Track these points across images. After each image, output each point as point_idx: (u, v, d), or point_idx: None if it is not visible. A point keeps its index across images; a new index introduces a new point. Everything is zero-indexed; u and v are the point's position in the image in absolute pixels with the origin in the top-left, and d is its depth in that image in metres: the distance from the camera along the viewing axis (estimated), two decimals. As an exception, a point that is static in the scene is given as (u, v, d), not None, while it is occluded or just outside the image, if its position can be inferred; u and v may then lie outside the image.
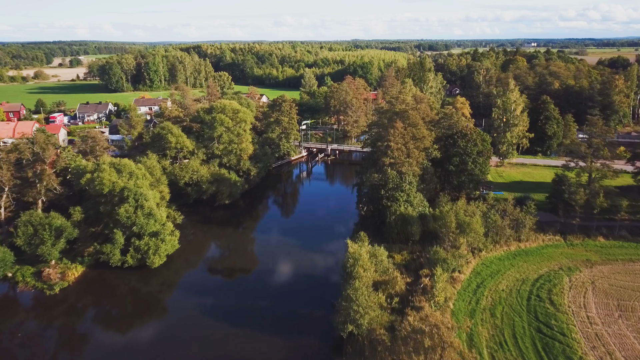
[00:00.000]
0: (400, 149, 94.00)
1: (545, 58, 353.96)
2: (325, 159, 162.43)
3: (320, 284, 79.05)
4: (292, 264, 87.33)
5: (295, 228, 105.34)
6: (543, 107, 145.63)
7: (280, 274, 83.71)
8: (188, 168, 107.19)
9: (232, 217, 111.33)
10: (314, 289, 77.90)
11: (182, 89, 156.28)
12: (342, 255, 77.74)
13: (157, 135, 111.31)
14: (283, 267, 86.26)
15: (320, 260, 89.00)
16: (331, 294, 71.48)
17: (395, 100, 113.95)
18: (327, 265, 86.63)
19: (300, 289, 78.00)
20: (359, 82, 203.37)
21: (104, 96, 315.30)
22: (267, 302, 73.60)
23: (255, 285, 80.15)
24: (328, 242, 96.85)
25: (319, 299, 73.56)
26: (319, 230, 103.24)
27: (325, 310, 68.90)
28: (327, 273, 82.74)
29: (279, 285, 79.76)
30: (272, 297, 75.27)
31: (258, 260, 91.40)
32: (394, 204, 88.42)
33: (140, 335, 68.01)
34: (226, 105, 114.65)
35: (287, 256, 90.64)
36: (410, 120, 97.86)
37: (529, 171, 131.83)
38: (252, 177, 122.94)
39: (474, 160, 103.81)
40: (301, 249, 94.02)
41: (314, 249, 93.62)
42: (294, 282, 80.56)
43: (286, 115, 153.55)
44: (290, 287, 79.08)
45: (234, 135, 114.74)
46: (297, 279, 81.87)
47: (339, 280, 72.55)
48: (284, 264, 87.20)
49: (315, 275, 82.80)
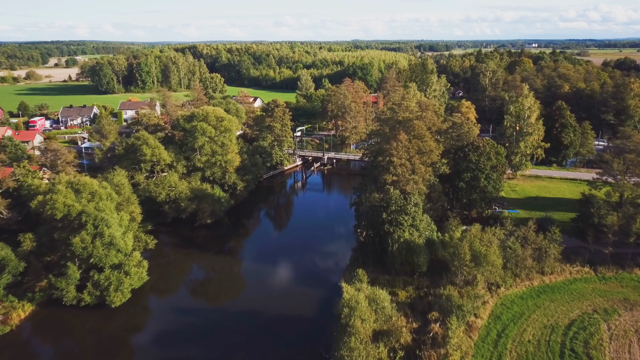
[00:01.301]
0: (404, 165, 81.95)
1: (551, 59, 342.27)
2: (322, 168, 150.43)
3: (311, 328, 66.99)
4: (280, 300, 75.05)
5: (286, 251, 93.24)
6: (558, 114, 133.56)
7: (266, 313, 71.34)
8: (164, 184, 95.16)
9: (215, 238, 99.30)
10: (303, 334, 65.84)
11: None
12: (337, 292, 65.99)
13: (131, 146, 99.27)
14: (269, 304, 73.86)
15: (313, 295, 76.79)
16: (323, 338, 59.64)
17: (397, 107, 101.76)
18: (320, 301, 74.46)
19: (286, 333, 65.87)
20: (359, 85, 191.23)
21: (93, 98, 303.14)
22: (247, 351, 61.51)
23: (234, 327, 67.99)
24: (322, 270, 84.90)
25: (308, 349, 61.53)
26: (312, 254, 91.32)
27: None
28: (320, 313, 70.49)
29: (263, 328, 67.52)
30: (253, 344, 63.19)
31: (240, 293, 79.41)
32: (397, 229, 76.40)
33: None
34: (209, 112, 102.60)
35: (274, 290, 78.53)
36: (416, 132, 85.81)
37: (545, 185, 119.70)
38: (239, 191, 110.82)
39: (487, 176, 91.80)
40: (292, 280, 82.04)
41: (306, 279, 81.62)
42: (281, 324, 68.29)
43: (279, 122, 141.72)
44: (275, 330, 66.85)
45: (218, 145, 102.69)
46: (284, 319, 69.57)
47: (332, 321, 60.81)
48: (270, 301, 74.86)
49: (305, 315, 70.56)
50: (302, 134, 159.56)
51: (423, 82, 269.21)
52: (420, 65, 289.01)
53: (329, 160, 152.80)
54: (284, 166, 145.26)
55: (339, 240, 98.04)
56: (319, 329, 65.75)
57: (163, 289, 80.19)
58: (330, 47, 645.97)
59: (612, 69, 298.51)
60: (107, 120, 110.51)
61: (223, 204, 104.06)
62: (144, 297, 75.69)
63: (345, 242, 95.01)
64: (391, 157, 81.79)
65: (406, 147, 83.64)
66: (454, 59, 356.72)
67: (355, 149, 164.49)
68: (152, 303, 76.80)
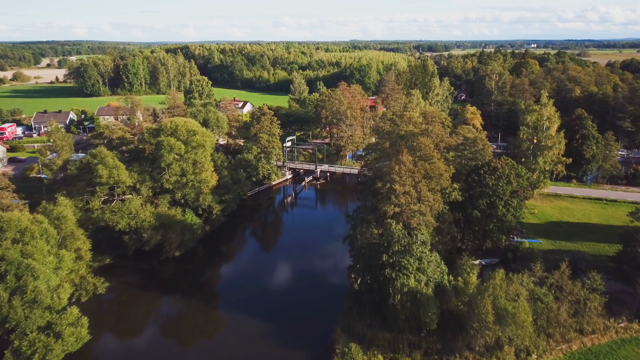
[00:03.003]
0: (408, 193, 67.12)
1: (556, 61, 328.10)
2: (314, 183, 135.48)
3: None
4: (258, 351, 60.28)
5: (269, 290, 78.14)
6: (579, 124, 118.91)
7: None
8: (123, 211, 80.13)
9: (185, 273, 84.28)
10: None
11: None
12: (326, 349, 51.24)
13: (86, 165, 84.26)
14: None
15: (298, 353, 61.97)
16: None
17: (399, 118, 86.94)
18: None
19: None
20: (355, 90, 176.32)
21: (77, 101, 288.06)
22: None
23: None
24: (310, 314, 69.85)
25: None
26: (299, 295, 76.29)
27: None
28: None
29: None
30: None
31: (211, 342, 64.43)
32: (400, 274, 61.69)
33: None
34: (179, 125, 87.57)
35: (252, 339, 63.60)
36: (422, 152, 70.99)
37: (567, 206, 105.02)
38: (215, 216, 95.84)
39: (506, 203, 77.10)
40: (272, 328, 66.95)
41: (290, 327, 66.65)
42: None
43: (266, 132, 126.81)
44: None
45: (188, 164, 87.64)
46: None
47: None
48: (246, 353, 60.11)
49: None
50: (292, 144, 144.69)
51: (424, 85, 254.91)
52: (420, 66, 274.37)
53: (322, 174, 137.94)
54: (271, 181, 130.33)
55: (332, 276, 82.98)
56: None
57: (110, 346, 65.15)
58: (328, 47, 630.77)
59: (622, 71, 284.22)
60: (59, 133, 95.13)
61: (195, 232, 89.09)
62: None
63: (339, 278, 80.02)
64: (392, 184, 66.93)
65: (410, 171, 68.81)
66: (455, 60, 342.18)
67: (351, 160, 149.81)
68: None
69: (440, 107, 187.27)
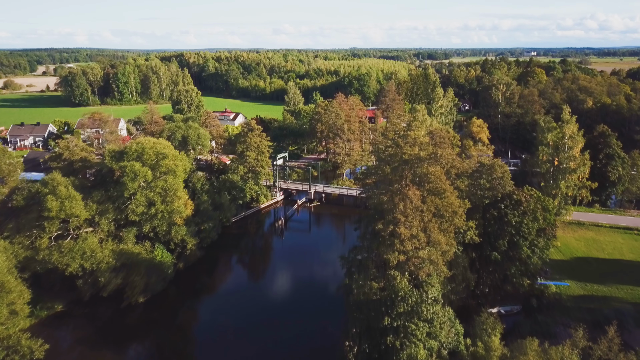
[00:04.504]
0: (416, 237, 54.48)
1: (562, 69, 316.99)
2: (307, 205, 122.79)
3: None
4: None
5: (248, 344, 65.24)
6: (602, 142, 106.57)
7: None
8: (75, 251, 67.39)
9: (150, 322, 71.33)
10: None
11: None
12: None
13: (35, 195, 71.69)
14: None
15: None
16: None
17: (402, 139, 74.49)
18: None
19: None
20: (354, 101, 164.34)
21: (64, 111, 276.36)
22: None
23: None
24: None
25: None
26: (283, 352, 63.37)
27: None
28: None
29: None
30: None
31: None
32: (407, 343, 49.00)
33: None
34: (146, 147, 75.04)
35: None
36: (432, 185, 58.42)
37: (593, 236, 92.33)
38: (189, 251, 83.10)
39: (531, 243, 64.43)
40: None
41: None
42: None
43: (253, 150, 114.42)
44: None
45: (156, 193, 74.97)
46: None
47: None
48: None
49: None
50: (284, 161, 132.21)
51: (426, 95, 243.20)
52: (422, 76, 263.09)
53: (317, 195, 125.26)
54: (260, 203, 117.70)
55: (324, 330, 69.96)
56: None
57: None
58: (327, 55, 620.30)
59: (632, 80, 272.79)
60: (5, 156, 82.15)
61: (165, 272, 76.44)
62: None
63: (331, 334, 67.06)
64: (397, 226, 54.29)
65: (418, 209, 56.20)
66: (458, 69, 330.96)
67: (348, 179, 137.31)
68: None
69: (444, 120, 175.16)
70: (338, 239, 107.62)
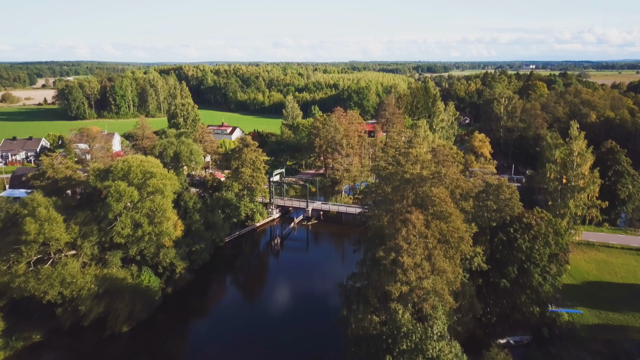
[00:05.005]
0: (420, 266, 50.12)
1: (564, 83, 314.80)
2: (305, 223, 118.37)
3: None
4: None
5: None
6: (611, 158, 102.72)
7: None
8: (54, 278, 62.90)
9: (134, 354, 66.57)
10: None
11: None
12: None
13: (13, 217, 67.41)
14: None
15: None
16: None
17: (404, 157, 70.64)
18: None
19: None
20: (353, 116, 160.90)
21: (60, 124, 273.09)
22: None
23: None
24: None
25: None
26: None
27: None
28: None
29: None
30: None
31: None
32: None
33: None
34: (132, 166, 70.98)
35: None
36: (436, 208, 54.19)
37: (604, 258, 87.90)
38: (179, 274, 78.57)
39: (543, 270, 60.04)
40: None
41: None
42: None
43: (249, 166, 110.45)
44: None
45: (142, 215, 70.66)
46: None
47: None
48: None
49: None
50: (281, 177, 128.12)
51: (426, 109, 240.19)
52: (422, 89, 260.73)
53: (315, 213, 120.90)
54: (255, 222, 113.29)
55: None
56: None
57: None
58: (326, 68, 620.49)
59: (634, 94, 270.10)
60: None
61: (152, 298, 71.89)
62: None
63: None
64: (399, 254, 49.96)
65: (422, 235, 51.90)
66: (458, 82, 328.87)
67: (347, 195, 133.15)
68: None
69: (445, 134, 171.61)
70: (337, 260, 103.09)
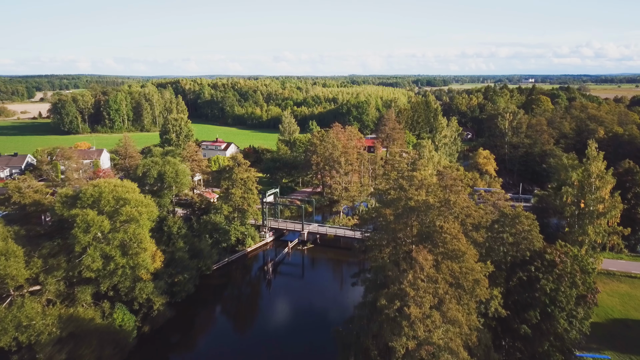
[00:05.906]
0: (430, 317, 42.26)
1: (567, 97, 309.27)
2: (300, 247, 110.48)
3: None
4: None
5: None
6: (630, 179, 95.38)
7: None
8: (7, 322, 54.95)
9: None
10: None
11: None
12: None
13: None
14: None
15: None
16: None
17: (407, 181, 63.07)
18: None
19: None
20: (352, 131, 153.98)
21: (52, 139, 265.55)
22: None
23: None
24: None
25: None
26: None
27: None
28: None
29: None
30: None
31: None
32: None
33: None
34: (104, 191, 63.46)
35: None
36: (447, 247, 46.50)
37: (628, 291, 79.94)
38: (157, 310, 70.58)
39: (569, 314, 52.14)
40: None
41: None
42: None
43: (240, 187, 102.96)
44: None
45: (114, 246, 62.88)
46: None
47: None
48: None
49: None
50: (275, 197, 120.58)
51: (427, 123, 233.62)
52: (422, 103, 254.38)
53: (310, 236, 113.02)
54: (246, 246, 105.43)
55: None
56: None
57: None
58: (325, 82, 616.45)
59: (639, 108, 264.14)
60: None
61: (125, 340, 63.75)
62: None
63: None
64: (405, 303, 42.15)
65: (431, 278, 44.13)
66: (459, 97, 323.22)
67: (346, 217, 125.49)
68: None
69: (448, 151, 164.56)
70: (334, 288, 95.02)
